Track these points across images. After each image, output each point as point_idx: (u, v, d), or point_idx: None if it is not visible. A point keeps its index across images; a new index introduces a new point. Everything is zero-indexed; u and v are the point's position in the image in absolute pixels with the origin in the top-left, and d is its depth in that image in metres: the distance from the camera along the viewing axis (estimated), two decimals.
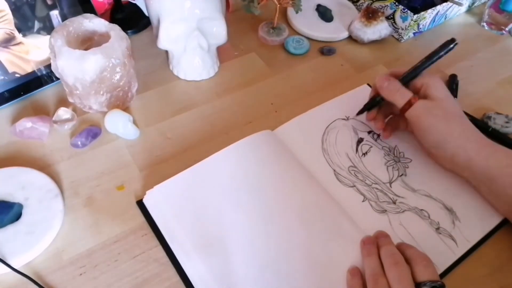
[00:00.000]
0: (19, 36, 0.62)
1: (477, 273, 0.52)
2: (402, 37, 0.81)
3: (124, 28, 0.62)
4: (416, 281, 0.43)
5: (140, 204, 0.54)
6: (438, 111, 0.54)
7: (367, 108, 0.62)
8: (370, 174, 0.59)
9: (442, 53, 0.56)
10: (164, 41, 0.67)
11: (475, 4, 0.90)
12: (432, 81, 0.56)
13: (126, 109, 0.65)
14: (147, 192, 0.54)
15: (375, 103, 0.61)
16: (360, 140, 0.63)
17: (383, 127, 0.61)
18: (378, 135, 0.64)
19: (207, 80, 0.71)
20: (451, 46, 0.56)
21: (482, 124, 0.66)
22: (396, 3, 0.79)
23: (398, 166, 0.60)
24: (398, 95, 0.56)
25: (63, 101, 0.65)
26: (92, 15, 0.61)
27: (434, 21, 0.83)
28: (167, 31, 0.66)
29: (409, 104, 0.55)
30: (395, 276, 0.43)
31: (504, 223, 0.55)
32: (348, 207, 0.54)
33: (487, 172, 0.53)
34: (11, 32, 0.61)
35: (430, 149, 0.56)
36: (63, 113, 0.62)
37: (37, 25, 0.63)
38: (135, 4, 0.81)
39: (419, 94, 0.56)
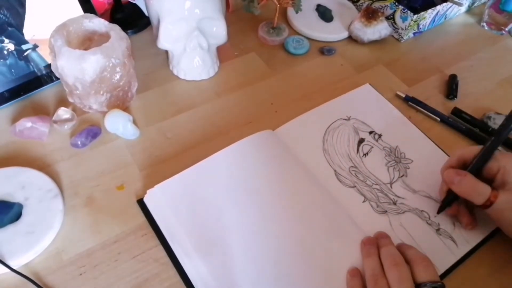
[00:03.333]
0: None
1: (477, 274, 0.52)
2: (402, 37, 0.81)
3: (124, 28, 0.61)
4: (416, 282, 0.43)
5: (141, 203, 0.54)
6: None
7: (446, 204, 0.54)
8: (370, 174, 0.59)
9: (509, 128, 0.50)
10: (164, 41, 0.67)
11: (475, 4, 0.90)
12: (509, 165, 0.49)
13: (126, 109, 0.65)
14: (148, 191, 0.54)
15: (453, 197, 0.53)
16: (361, 141, 0.63)
17: (471, 221, 0.54)
18: (380, 135, 0.63)
19: (207, 80, 0.71)
20: None
21: (482, 124, 0.66)
22: (396, 3, 0.79)
23: (399, 167, 0.60)
24: (474, 194, 0.49)
25: (63, 101, 0.65)
26: (92, 15, 0.61)
27: (434, 21, 0.83)
28: (167, 31, 0.66)
29: (489, 203, 0.48)
30: (395, 277, 0.43)
31: None
32: (348, 208, 0.54)
33: None
34: None
35: None
36: (63, 113, 0.62)
37: None
38: (135, 4, 0.81)
39: (495, 180, 0.50)
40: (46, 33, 0.61)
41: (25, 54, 0.62)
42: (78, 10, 0.65)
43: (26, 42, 0.62)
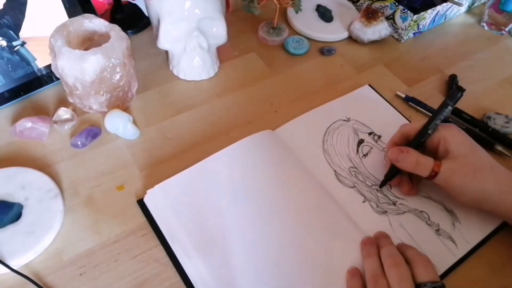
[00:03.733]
0: None
1: (477, 274, 0.52)
2: (402, 37, 0.81)
3: (124, 28, 0.61)
4: (416, 282, 0.43)
5: (141, 203, 0.54)
6: (466, 169, 0.50)
7: (388, 179, 0.57)
8: (370, 175, 0.59)
9: (451, 103, 0.52)
10: (164, 41, 0.67)
11: (475, 4, 0.90)
12: (449, 134, 0.52)
13: (126, 109, 0.65)
14: (148, 191, 0.54)
15: (395, 172, 0.56)
16: (360, 141, 0.63)
17: (412, 189, 0.56)
18: (379, 136, 0.64)
19: (207, 80, 0.71)
20: (459, 95, 0.52)
21: (482, 124, 0.66)
22: (396, 3, 0.79)
23: None
24: (419, 167, 0.51)
25: (63, 101, 0.65)
26: (92, 15, 0.61)
27: (434, 21, 0.83)
28: (167, 31, 0.66)
29: (434, 173, 0.51)
30: (395, 277, 0.43)
31: (504, 226, 0.55)
32: (348, 208, 0.55)
33: None
34: None
35: (467, 204, 0.53)
36: (63, 113, 0.62)
37: None
38: (135, 4, 0.81)
39: (438, 151, 0.53)
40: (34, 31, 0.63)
41: (15, 49, 0.62)
42: (61, 11, 0.65)
43: (16, 39, 0.62)
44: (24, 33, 0.62)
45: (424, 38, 0.83)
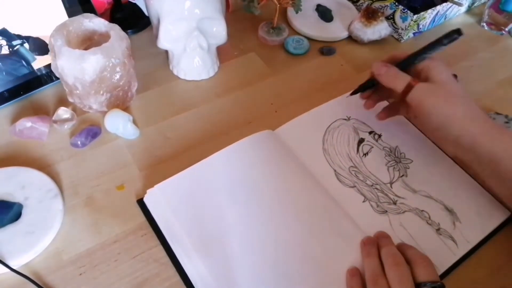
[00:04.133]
0: None
1: (477, 273, 0.52)
2: (402, 37, 0.81)
3: (124, 28, 0.61)
4: (416, 282, 0.43)
5: (141, 203, 0.54)
6: (440, 92, 0.52)
7: (361, 89, 0.61)
8: (370, 174, 0.59)
9: (446, 41, 0.53)
10: (164, 41, 0.67)
11: (475, 4, 0.90)
12: (433, 64, 0.54)
13: (126, 109, 0.65)
14: (148, 191, 0.54)
15: (370, 85, 0.60)
16: (361, 141, 0.63)
17: (372, 107, 0.61)
18: (380, 135, 0.63)
19: (207, 80, 0.71)
20: (455, 36, 0.52)
21: None
22: (396, 3, 0.79)
23: (399, 167, 0.60)
24: (397, 80, 0.54)
25: (63, 101, 0.65)
26: (92, 14, 0.61)
27: (434, 21, 0.83)
28: (167, 31, 0.66)
29: (409, 87, 0.53)
30: (395, 277, 0.43)
31: (505, 224, 0.55)
32: (348, 208, 0.54)
33: (492, 154, 0.50)
34: None
35: (433, 132, 0.55)
36: (63, 112, 0.62)
37: None
38: (135, 4, 0.81)
39: (419, 78, 0.55)
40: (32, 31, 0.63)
41: (15, 49, 0.62)
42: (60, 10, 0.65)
43: (16, 38, 0.62)
44: (23, 32, 0.63)
45: (424, 38, 0.83)
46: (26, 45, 0.63)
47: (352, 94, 0.62)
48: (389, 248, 0.47)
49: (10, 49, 0.62)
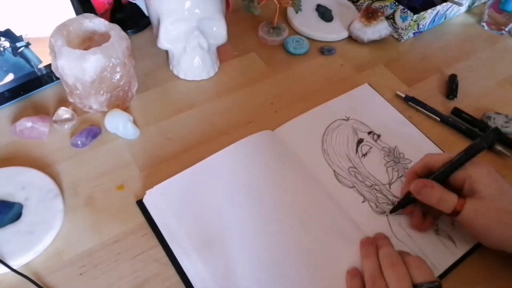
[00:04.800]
0: None
1: (476, 274, 0.52)
2: (402, 37, 0.81)
3: (124, 28, 0.61)
4: (413, 284, 0.43)
5: (140, 204, 0.54)
6: (491, 214, 0.47)
7: (401, 206, 0.54)
8: (369, 175, 0.59)
9: (485, 145, 0.49)
10: (164, 41, 0.67)
11: (475, 4, 0.90)
12: (477, 174, 0.48)
13: (126, 109, 0.65)
14: (147, 191, 0.54)
15: (410, 201, 0.53)
16: (360, 141, 0.63)
17: (421, 224, 0.53)
18: (379, 136, 0.64)
19: (207, 80, 0.71)
20: (494, 137, 0.50)
21: (482, 124, 0.66)
22: (396, 3, 0.79)
23: (398, 167, 0.60)
24: (441, 204, 0.48)
25: (63, 101, 0.65)
26: (92, 15, 0.61)
27: (434, 21, 0.83)
28: (167, 31, 0.66)
29: (456, 212, 0.48)
30: (393, 278, 0.43)
31: None
32: (348, 208, 0.55)
33: None
34: None
35: (492, 247, 0.50)
36: (63, 112, 0.62)
37: None
38: (135, 4, 0.81)
39: (464, 189, 0.49)
40: (38, 32, 0.63)
41: (19, 51, 0.62)
42: (69, 9, 0.65)
43: (20, 40, 0.62)
44: (29, 33, 0.63)
45: (424, 38, 0.83)
46: (32, 47, 0.63)
47: (392, 212, 0.55)
48: (386, 249, 0.47)
49: (14, 51, 0.62)
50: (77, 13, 0.65)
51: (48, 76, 0.66)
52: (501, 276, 0.52)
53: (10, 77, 0.63)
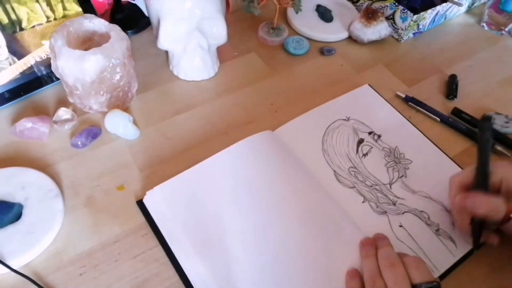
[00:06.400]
0: None
1: (476, 274, 0.52)
2: (402, 37, 0.81)
3: (124, 28, 0.62)
4: (412, 284, 0.43)
5: (140, 204, 0.54)
6: None
7: (477, 236, 0.51)
8: (370, 175, 0.59)
9: (488, 134, 0.50)
10: (164, 41, 0.67)
11: (475, 5, 0.90)
12: (510, 174, 0.49)
13: (126, 109, 0.65)
14: (147, 192, 0.54)
15: (479, 227, 0.50)
16: (360, 141, 0.63)
17: (499, 238, 0.52)
18: (379, 136, 0.64)
19: (207, 80, 0.71)
20: (489, 124, 0.51)
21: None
22: (396, 4, 0.79)
23: (398, 168, 0.60)
24: (494, 210, 0.47)
25: (63, 101, 0.65)
26: (92, 15, 0.61)
27: (434, 22, 0.83)
28: (167, 31, 0.66)
29: (508, 216, 0.47)
30: (391, 278, 0.43)
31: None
32: (348, 208, 0.55)
33: None
34: None
35: None
36: (63, 113, 0.62)
37: None
38: (135, 4, 0.81)
39: (501, 192, 0.49)
40: None
41: None
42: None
43: None
44: None
45: (424, 38, 0.83)
46: None
47: (478, 248, 0.52)
48: (385, 249, 0.47)
49: None
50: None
51: (48, 77, 0.66)
52: (501, 277, 0.51)
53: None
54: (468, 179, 0.51)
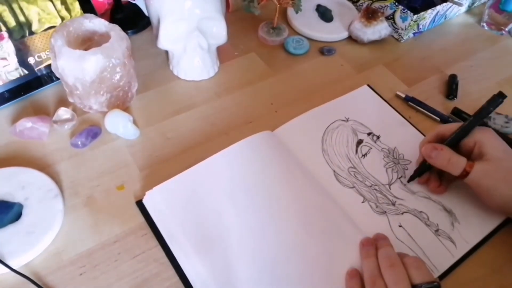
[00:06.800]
0: None
1: (476, 274, 0.52)
2: (402, 37, 0.81)
3: (124, 28, 0.62)
4: (412, 284, 0.43)
5: (140, 204, 0.54)
6: (499, 173, 0.50)
7: (417, 174, 0.57)
8: (369, 175, 0.59)
9: (492, 108, 0.52)
10: (164, 41, 0.67)
11: (475, 4, 0.90)
12: (486, 138, 0.52)
13: (126, 109, 0.65)
14: (147, 193, 0.54)
15: (425, 169, 0.56)
16: (359, 141, 0.63)
17: (439, 187, 0.57)
18: (378, 137, 0.64)
19: (207, 80, 0.71)
20: (500, 100, 0.52)
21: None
22: (396, 3, 0.79)
23: (397, 168, 0.60)
24: (451, 166, 0.52)
25: (63, 101, 0.65)
26: (92, 15, 0.61)
27: (434, 21, 0.83)
28: (167, 31, 0.66)
29: (465, 172, 0.51)
30: (391, 278, 0.43)
31: (503, 225, 0.55)
32: (347, 208, 0.55)
33: None
34: None
35: (496, 208, 0.52)
36: (63, 113, 0.62)
37: None
38: (135, 4, 0.81)
39: (473, 153, 0.53)
40: None
41: None
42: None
43: None
44: None
45: (424, 38, 0.83)
46: None
47: (409, 180, 0.58)
48: (385, 250, 0.47)
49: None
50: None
51: (48, 76, 0.66)
52: (502, 277, 0.52)
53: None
54: (448, 133, 0.54)
